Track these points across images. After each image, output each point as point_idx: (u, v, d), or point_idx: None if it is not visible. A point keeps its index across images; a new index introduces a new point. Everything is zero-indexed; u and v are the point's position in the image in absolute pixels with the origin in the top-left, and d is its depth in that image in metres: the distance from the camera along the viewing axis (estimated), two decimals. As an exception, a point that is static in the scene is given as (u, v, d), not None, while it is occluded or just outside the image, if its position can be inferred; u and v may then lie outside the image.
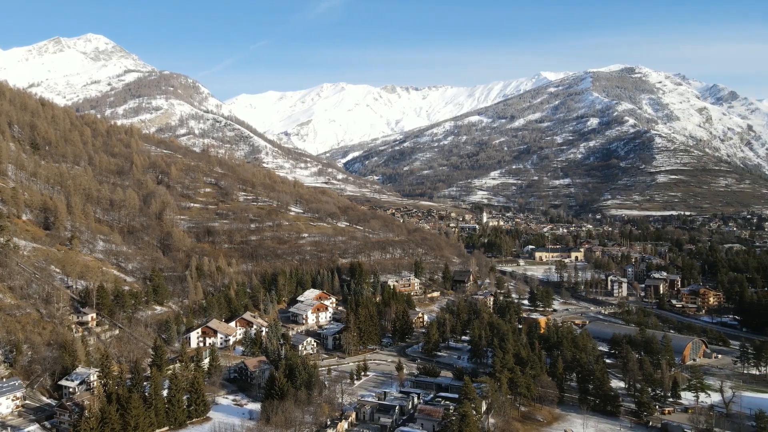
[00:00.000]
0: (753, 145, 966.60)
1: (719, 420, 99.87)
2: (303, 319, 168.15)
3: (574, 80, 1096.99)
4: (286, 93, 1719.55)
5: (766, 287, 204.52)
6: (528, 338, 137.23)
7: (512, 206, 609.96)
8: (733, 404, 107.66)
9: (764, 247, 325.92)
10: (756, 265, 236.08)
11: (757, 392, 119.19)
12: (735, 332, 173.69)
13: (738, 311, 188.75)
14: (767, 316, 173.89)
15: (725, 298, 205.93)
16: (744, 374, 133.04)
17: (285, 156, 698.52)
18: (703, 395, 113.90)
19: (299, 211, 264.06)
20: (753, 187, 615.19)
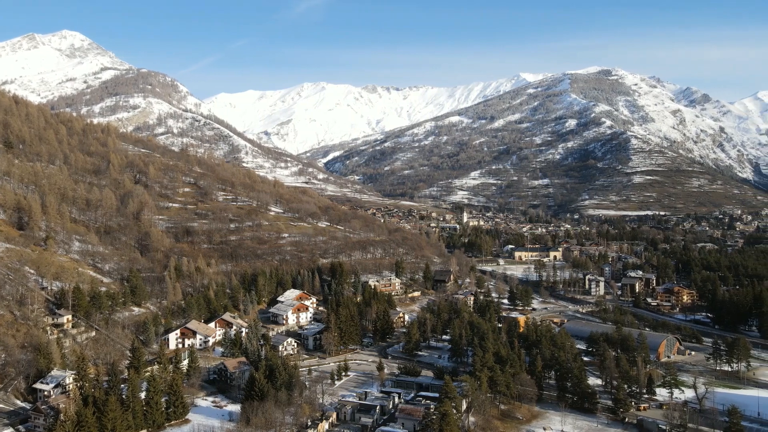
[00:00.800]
0: (725, 147, 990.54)
1: (693, 416, 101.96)
2: (283, 319, 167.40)
3: (552, 82, 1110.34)
4: (266, 92, 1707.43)
5: (738, 285, 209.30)
6: (508, 337, 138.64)
7: (492, 206, 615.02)
8: (706, 400, 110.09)
9: (735, 246, 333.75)
10: (727, 263, 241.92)
11: (729, 388, 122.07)
12: (708, 329, 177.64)
13: (710, 309, 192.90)
14: (738, 313, 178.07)
15: (698, 296, 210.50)
16: (716, 371, 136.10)
17: (265, 155, 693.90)
18: (677, 391, 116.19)
19: (279, 211, 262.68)
20: (724, 187, 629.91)
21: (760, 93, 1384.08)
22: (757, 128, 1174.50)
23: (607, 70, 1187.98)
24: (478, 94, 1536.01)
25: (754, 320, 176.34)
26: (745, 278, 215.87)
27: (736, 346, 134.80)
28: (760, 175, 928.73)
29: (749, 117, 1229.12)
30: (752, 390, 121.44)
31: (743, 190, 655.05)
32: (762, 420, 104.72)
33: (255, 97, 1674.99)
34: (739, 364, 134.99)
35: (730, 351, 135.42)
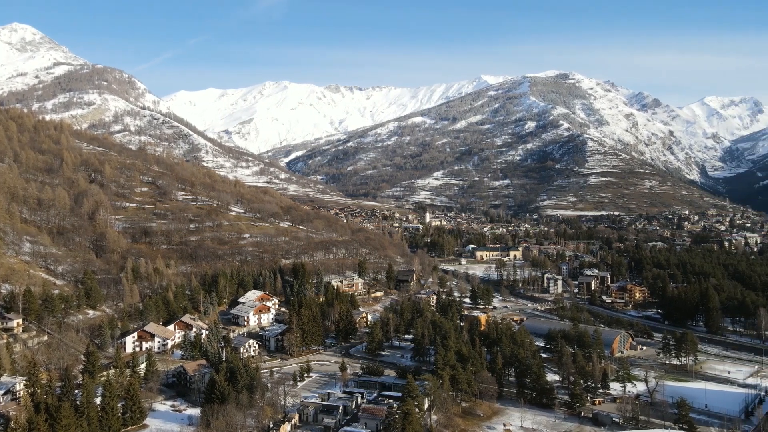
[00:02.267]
0: (674, 150, 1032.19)
1: (644, 408, 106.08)
2: (244, 320, 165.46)
3: (512, 84, 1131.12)
4: (227, 90, 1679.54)
5: (686, 283, 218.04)
6: (469, 335, 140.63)
7: (454, 206, 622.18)
8: (656, 393, 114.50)
9: (683, 245, 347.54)
10: (676, 261, 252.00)
11: (678, 381, 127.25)
12: (658, 325, 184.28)
13: (661, 305, 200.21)
14: (686, 309, 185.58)
15: (650, 293, 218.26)
16: (666, 365, 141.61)
17: (226, 155, 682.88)
18: (630, 385, 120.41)
19: (240, 211, 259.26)
20: (674, 188, 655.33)
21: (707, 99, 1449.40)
22: (704, 132, 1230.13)
23: (564, 74, 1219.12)
24: (440, 95, 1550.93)
25: (701, 316, 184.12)
26: (692, 276, 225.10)
27: (684, 341, 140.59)
28: (706, 177, 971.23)
29: (696, 121, 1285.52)
30: (699, 383, 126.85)
31: (691, 191, 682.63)
32: (709, 411, 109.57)
33: (216, 96, 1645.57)
34: (687, 358, 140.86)
35: (678, 346, 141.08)
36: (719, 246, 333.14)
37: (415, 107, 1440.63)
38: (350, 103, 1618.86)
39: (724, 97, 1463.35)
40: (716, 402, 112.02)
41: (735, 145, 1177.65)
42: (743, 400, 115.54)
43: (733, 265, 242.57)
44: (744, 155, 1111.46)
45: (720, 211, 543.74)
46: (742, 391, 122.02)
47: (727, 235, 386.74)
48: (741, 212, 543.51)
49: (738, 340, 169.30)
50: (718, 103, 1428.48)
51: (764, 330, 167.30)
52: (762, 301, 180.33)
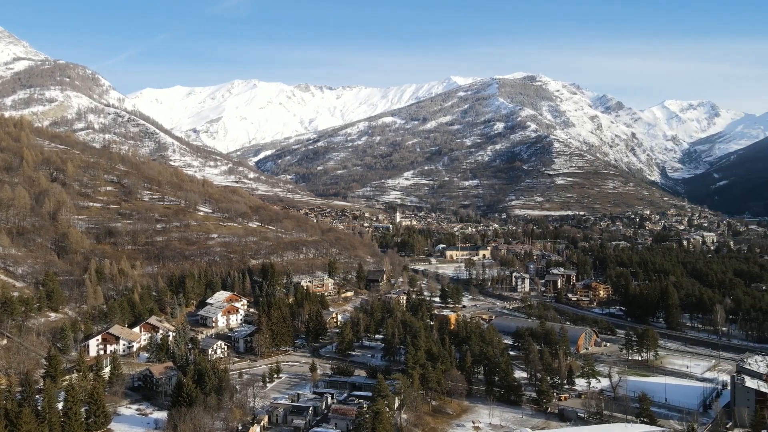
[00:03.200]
0: (636, 151, 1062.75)
1: (608, 403, 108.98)
2: (213, 322, 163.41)
3: (481, 86, 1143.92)
4: (194, 88, 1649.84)
5: (647, 280, 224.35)
6: (439, 334, 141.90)
7: (424, 206, 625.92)
8: (619, 388, 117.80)
9: (645, 244, 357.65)
10: (638, 260, 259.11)
11: (639, 376, 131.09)
12: (621, 322, 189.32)
13: (623, 302, 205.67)
14: (648, 306, 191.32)
15: (613, 291, 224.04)
16: (629, 360, 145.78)
17: (193, 154, 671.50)
18: (594, 381, 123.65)
19: (208, 211, 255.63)
20: (636, 189, 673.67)
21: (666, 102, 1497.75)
22: (664, 134, 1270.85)
23: (532, 76, 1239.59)
24: (410, 95, 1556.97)
25: (662, 313, 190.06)
26: (653, 274, 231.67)
27: (646, 337, 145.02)
28: (666, 178, 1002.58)
29: (657, 124, 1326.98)
30: (660, 377, 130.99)
31: (652, 191, 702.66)
32: (669, 405, 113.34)
33: (183, 94, 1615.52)
34: (648, 354, 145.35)
35: (640, 341, 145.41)
36: (678, 245, 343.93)
37: (385, 107, 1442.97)
38: (320, 102, 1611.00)
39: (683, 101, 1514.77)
40: (676, 396, 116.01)
41: (693, 147, 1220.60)
42: (701, 394, 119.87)
43: (691, 264, 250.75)
44: (702, 157, 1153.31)
45: (679, 211, 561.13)
46: (700, 385, 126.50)
47: (686, 235, 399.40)
48: (699, 212, 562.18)
49: (696, 336, 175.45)
50: (678, 107, 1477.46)
51: (720, 326, 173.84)
52: (718, 298, 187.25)
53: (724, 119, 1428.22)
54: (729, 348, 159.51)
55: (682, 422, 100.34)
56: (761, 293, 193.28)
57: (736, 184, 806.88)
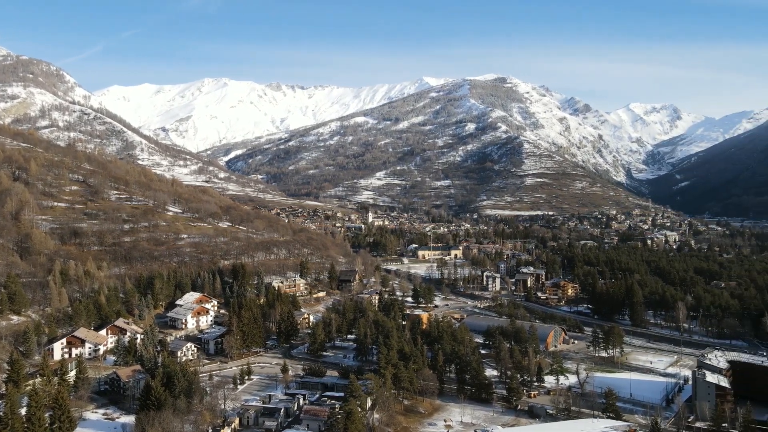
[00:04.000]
0: (603, 153, 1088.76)
1: (575, 399, 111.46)
2: (182, 323, 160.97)
3: (453, 87, 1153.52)
4: (163, 86, 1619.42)
5: (613, 279, 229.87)
6: (411, 334, 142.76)
7: (397, 206, 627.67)
8: (586, 384, 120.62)
9: (611, 243, 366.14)
10: (605, 259, 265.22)
11: (606, 372, 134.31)
12: (589, 320, 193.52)
13: (591, 301, 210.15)
14: (614, 304, 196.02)
15: (581, 289, 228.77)
16: (596, 357, 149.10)
17: (162, 153, 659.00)
18: (563, 378, 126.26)
19: (178, 211, 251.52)
20: (602, 190, 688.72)
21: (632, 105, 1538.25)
22: (629, 136, 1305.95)
23: (502, 77, 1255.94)
24: (383, 95, 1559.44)
25: (627, 310, 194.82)
26: (619, 272, 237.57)
27: (612, 334, 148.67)
28: (631, 179, 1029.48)
29: (622, 126, 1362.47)
30: (625, 373, 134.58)
31: (618, 192, 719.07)
32: (634, 400, 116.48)
33: (151, 91, 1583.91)
34: (614, 351, 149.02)
35: (606, 339, 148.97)
36: (643, 244, 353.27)
37: (357, 107, 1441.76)
38: (292, 101, 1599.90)
39: (647, 104, 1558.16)
40: (640, 391, 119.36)
41: (656, 149, 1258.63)
42: (664, 389, 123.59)
43: (654, 262, 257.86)
44: (664, 159, 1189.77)
45: (644, 211, 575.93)
46: (663, 380, 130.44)
47: (650, 234, 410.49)
48: (662, 212, 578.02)
49: (659, 332, 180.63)
50: (642, 110, 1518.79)
51: (682, 322, 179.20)
52: (680, 296, 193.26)
53: (685, 122, 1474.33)
54: (690, 344, 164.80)
55: (646, 417, 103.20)
56: (720, 291, 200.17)
57: (697, 185, 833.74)
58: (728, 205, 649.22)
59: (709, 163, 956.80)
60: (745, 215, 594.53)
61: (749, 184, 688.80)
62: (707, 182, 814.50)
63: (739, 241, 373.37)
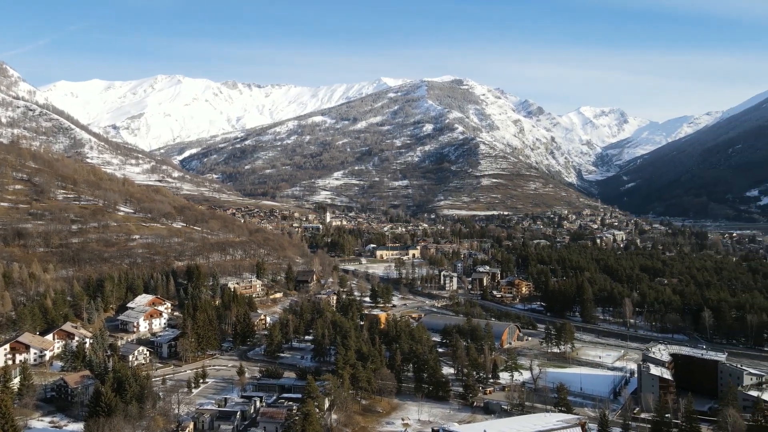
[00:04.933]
0: (555, 154, 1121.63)
1: (529, 395, 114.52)
2: (134, 327, 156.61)
3: (411, 87, 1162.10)
4: (114, 82, 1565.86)
5: (565, 277, 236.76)
6: (369, 334, 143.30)
7: (355, 206, 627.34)
8: (540, 380, 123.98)
9: (563, 242, 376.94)
10: (557, 257, 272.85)
11: (558, 368, 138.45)
12: (542, 317, 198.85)
13: (544, 298, 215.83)
14: (565, 301, 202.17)
15: (534, 288, 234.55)
16: (548, 353, 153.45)
17: (113, 151, 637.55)
18: (517, 374, 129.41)
19: (129, 211, 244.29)
20: (555, 190, 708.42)
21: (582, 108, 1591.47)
22: (580, 139, 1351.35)
23: (459, 79, 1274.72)
24: (341, 95, 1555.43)
25: (577, 307, 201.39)
26: (570, 270, 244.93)
27: (564, 331, 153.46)
28: (581, 180, 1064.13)
29: (573, 129, 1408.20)
30: (576, 368, 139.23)
31: (569, 192, 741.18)
32: (584, 394, 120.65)
33: (101, 87, 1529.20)
34: (566, 346, 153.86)
35: (558, 335, 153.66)
36: (593, 243, 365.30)
37: (315, 106, 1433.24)
38: (248, 100, 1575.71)
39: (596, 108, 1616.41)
40: (590, 385, 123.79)
41: (605, 151, 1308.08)
42: (612, 382, 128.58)
43: (603, 260, 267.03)
44: (612, 161, 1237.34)
45: (593, 211, 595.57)
46: (611, 374, 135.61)
47: (599, 233, 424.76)
48: (610, 212, 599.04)
49: (607, 328, 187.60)
50: (592, 113, 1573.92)
51: (629, 318, 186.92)
52: (627, 292, 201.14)
53: (632, 125, 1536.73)
54: (636, 338, 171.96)
55: (595, 409, 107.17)
56: (663, 287, 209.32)
57: (642, 187, 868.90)
58: (670, 206, 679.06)
59: (653, 166, 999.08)
60: (686, 215, 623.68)
61: (689, 185, 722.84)
62: (651, 183, 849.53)
63: (680, 240, 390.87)
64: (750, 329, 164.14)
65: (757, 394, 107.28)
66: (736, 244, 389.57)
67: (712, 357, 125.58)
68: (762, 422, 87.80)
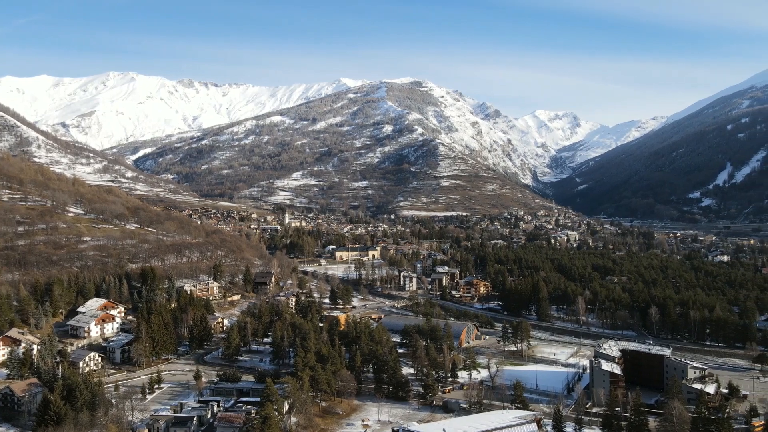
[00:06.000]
0: (511, 156, 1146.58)
1: (487, 392, 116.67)
2: (85, 332, 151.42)
3: (371, 89, 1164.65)
4: (63, 79, 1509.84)
5: (521, 276, 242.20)
6: (329, 335, 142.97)
7: (314, 207, 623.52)
8: (497, 378, 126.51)
9: (519, 242, 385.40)
10: (514, 257, 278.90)
11: (514, 365, 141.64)
12: (499, 316, 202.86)
13: (501, 297, 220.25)
14: (521, 300, 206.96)
15: (492, 287, 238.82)
16: (505, 351, 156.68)
17: (62, 150, 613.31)
18: (475, 373, 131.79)
19: (80, 212, 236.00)
20: (511, 191, 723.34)
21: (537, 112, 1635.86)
22: (535, 141, 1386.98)
23: (418, 81, 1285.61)
24: (300, 95, 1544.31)
25: (533, 305, 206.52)
26: (526, 270, 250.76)
27: (520, 329, 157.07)
28: (537, 182, 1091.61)
29: (529, 132, 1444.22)
30: (532, 365, 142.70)
31: (525, 194, 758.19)
32: (539, 390, 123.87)
33: (50, 84, 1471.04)
34: (522, 344, 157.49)
35: (515, 333, 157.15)
36: (547, 243, 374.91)
37: (274, 106, 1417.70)
38: (205, 99, 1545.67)
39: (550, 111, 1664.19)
40: (545, 381, 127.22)
41: (559, 153, 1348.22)
42: (566, 378, 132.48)
43: (557, 260, 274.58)
44: (566, 163, 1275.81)
45: (548, 212, 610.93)
46: (565, 370, 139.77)
47: (554, 233, 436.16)
48: (564, 213, 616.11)
49: (562, 326, 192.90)
50: (546, 116, 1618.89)
51: (581, 315, 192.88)
52: (580, 291, 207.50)
53: (584, 129, 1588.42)
54: (588, 335, 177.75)
55: (550, 405, 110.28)
56: (613, 285, 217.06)
57: (594, 188, 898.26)
58: (620, 207, 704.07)
59: (603, 168, 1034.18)
60: (634, 216, 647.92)
61: (637, 187, 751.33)
62: (602, 185, 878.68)
63: (629, 240, 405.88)
64: (693, 325, 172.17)
65: (700, 387, 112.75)
66: (680, 243, 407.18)
67: (659, 352, 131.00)
68: (705, 414, 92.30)
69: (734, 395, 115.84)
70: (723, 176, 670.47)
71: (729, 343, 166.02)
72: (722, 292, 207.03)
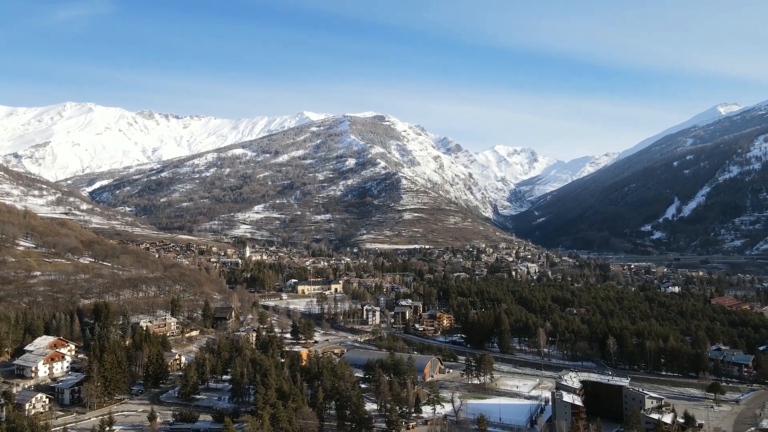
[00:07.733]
0: (473, 190, 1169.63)
1: (451, 427, 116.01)
2: (32, 372, 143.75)
3: (334, 122, 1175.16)
4: (17, 108, 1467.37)
5: (483, 308, 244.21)
6: (290, 371, 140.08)
7: (276, 240, 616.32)
8: (461, 412, 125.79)
9: (481, 274, 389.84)
10: (476, 290, 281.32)
11: (478, 399, 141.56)
12: (462, 348, 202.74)
13: (464, 330, 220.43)
14: (484, 333, 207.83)
15: (455, 320, 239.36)
16: (469, 384, 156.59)
17: (13, 181, 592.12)
18: (439, 407, 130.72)
19: (30, 246, 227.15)
20: (473, 224, 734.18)
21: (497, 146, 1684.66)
22: (495, 175, 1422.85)
23: (381, 116, 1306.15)
24: (262, 128, 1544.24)
25: (495, 338, 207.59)
26: (488, 302, 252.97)
27: (483, 362, 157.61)
28: (497, 215, 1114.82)
29: (489, 166, 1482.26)
30: (495, 398, 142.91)
31: (486, 226, 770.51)
32: (503, 424, 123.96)
33: (3, 113, 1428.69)
34: (485, 377, 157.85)
35: (478, 366, 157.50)
36: (508, 275, 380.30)
37: (236, 139, 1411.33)
38: (165, 131, 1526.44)
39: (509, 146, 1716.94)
40: (508, 414, 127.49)
41: (518, 187, 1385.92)
42: (528, 411, 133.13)
43: (519, 292, 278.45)
44: (525, 197, 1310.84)
45: (509, 245, 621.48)
46: (528, 403, 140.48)
47: (514, 266, 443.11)
48: (524, 245, 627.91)
49: (524, 358, 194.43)
50: (505, 151, 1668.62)
51: (543, 347, 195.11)
52: (540, 322, 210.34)
53: (541, 164, 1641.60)
54: (550, 367, 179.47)
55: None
56: (573, 317, 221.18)
57: (552, 221, 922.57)
58: (577, 239, 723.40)
59: (560, 201, 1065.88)
60: (591, 248, 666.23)
61: (592, 220, 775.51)
62: (560, 218, 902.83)
63: (586, 272, 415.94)
64: (649, 355, 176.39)
65: (658, 417, 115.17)
66: (634, 275, 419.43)
67: (617, 383, 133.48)
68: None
69: (690, 424, 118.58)
70: (672, 210, 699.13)
71: (683, 372, 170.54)
72: (675, 322, 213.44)
